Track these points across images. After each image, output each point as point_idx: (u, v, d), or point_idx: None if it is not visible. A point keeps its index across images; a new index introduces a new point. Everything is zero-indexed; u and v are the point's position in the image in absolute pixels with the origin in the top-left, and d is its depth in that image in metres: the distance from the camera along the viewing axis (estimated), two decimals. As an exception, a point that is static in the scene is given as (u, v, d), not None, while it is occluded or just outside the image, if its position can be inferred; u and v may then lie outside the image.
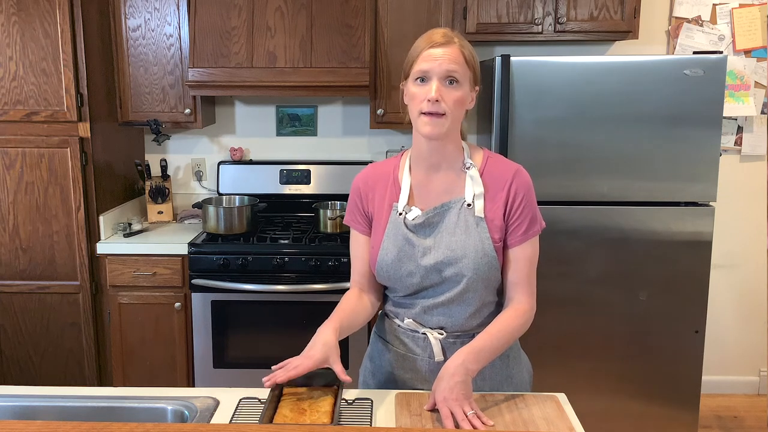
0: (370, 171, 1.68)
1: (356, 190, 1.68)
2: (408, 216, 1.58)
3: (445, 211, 1.57)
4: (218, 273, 2.92)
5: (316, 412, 1.40)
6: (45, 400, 1.55)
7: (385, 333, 1.70)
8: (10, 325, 3.01)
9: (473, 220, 1.54)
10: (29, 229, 2.95)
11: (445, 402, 1.41)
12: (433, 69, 1.48)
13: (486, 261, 1.53)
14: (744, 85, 3.37)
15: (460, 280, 1.53)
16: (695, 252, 2.86)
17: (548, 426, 1.42)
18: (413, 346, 1.63)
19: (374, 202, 1.64)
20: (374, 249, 1.62)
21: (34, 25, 2.82)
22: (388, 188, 1.63)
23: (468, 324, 1.58)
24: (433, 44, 1.50)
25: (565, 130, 2.79)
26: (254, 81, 2.98)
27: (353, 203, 1.69)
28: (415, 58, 1.52)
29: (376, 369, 1.72)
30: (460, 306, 1.57)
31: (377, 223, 1.63)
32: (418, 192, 1.60)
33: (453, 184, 1.58)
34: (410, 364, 1.64)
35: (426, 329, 1.60)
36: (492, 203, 1.56)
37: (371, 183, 1.66)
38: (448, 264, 1.53)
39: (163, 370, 3.03)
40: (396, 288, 1.61)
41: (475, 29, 3.02)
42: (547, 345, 2.90)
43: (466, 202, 1.56)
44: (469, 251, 1.52)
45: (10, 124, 2.90)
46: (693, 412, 2.96)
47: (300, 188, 3.43)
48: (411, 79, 1.53)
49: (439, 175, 1.59)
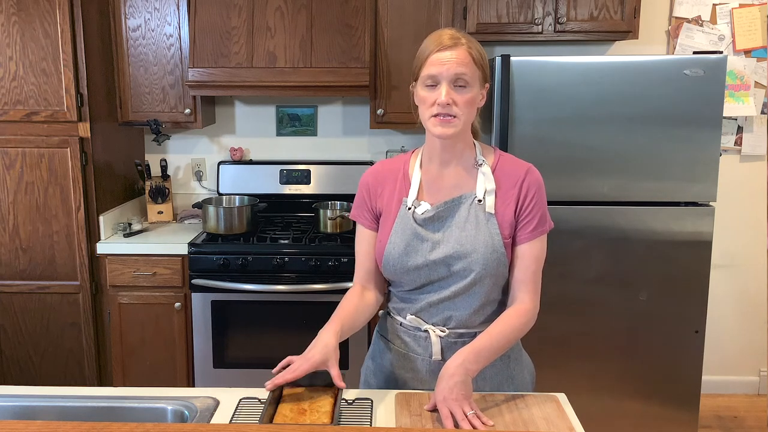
0: (379, 167, 1.69)
1: (365, 185, 1.68)
2: (417, 210, 1.58)
3: (455, 205, 1.57)
4: (218, 273, 2.92)
5: (316, 411, 1.40)
6: (45, 400, 1.55)
7: (387, 332, 1.71)
8: (10, 325, 3.01)
9: (484, 215, 1.55)
10: (29, 229, 2.95)
11: (444, 402, 1.42)
12: (442, 73, 1.49)
13: (495, 257, 1.53)
14: (744, 85, 3.37)
15: (468, 275, 1.54)
16: (695, 252, 2.85)
17: (548, 426, 1.42)
18: (414, 345, 1.63)
19: (383, 197, 1.65)
20: (381, 243, 1.62)
21: (34, 25, 2.82)
22: (397, 183, 1.64)
23: (471, 320, 1.59)
24: (440, 47, 1.50)
25: (565, 130, 2.79)
26: (254, 81, 2.98)
27: (361, 198, 1.69)
28: (423, 61, 1.52)
29: (377, 368, 1.72)
30: (466, 300, 1.57)
31: (385, 217, 1.63)
32: (428, 187, 1.61)
33: (463, 180, 1.59)
34: (410, 364, 1.64)
35: (428, 326, 1.60)
36: (503, 200, 1.57)
37: (380, 179, 1.66)
38: (458, 258, 1.54)
39: (163, 370, 3.03)
40: (402, 282, 1.61)
41: (475, 29, 3.02)
42: (548, 345, 2.90)
43: (477, 198, 1.56)
44: (479, 246, 1.53)
45: (10, 124, 2.90)
46: (693, 412, 2.96)
47: (300, 188, 3.43)
48: (420, 83, 1.54)
49: (449, 170, 1.60)
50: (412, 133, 3.48)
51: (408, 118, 3.39)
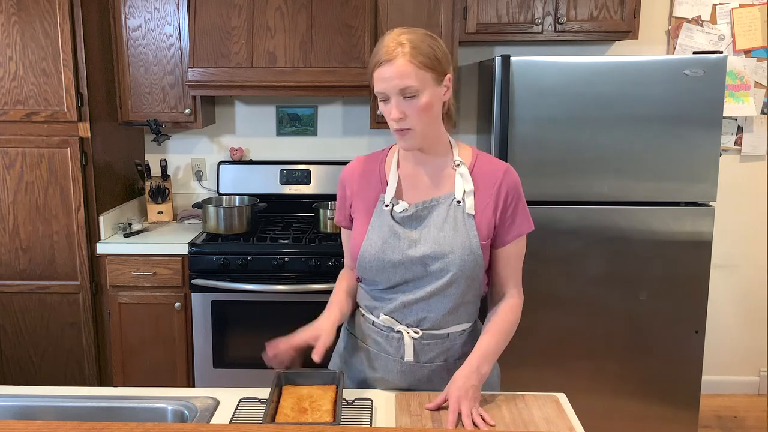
0: (355, 164, 1.69)
1: (342, 183, 1.69)
2: (396, 208, 1.58)
3: (434, 205, 1.57)
4: (218, 273, 2.92)
5: (317, 410, 1.41)
6: (45, 400, 1.55)
7: (356, 330, 1.70)
8: (10, 325, 3.01)
9: (462, 217, 1.55)
10: (29, 229, 2.95)
11: (457, 399, 1.45)
12: (388, 89, 1.46)
13: (472, 258, 1.53)
14: (744, 85, 3.37)
15: (445, 275, 1.54)
16: (695, 252, 2.86)
17: (548, 426, 1.42)
18: (386, 346, 1.62)
19: (360, 193, 1.65)
20: (356, 240, 1.61)
21: (34, 25, 2.82)
22: (374, 180, 1.64)
23: (444, 322, 1.59)
24: (382, 61, 1.45)
25: (565, 130, 2.79)
26: (254, 81, 2.98)
27: (341, 199, 1.70)
28: (371, 76, 1.50)
29: (346, 367, 1.72)
30: (440, 300, 1.57)
31: (362, 214, 1.63)
32: (406, 185, 1.61)
33: (441, 179, 1.59)
34: (381, 363, 1.64)
35: (402, 327, 1.60)
36: (481, 201, 1.57)
37: (356, 176, 1.67)
38: (435, 258, 1.54)
39: (163, 370, 3.03)
40: (377, 281, 1.60)
41: (475, 29, 3.03)
42: (547, 345, 2.90)
43: (456, 199, 1.56)
44: (456, 247, 1.53)
45: (10, 124, 2.90)
46: (693, 412, 2.96)
47: (300, 188, 3.43)
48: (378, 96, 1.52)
49: (426, 169, 1.60)
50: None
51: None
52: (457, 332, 1.61)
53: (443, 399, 1.49)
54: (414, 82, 1.44)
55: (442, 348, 1.60)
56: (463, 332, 1.62)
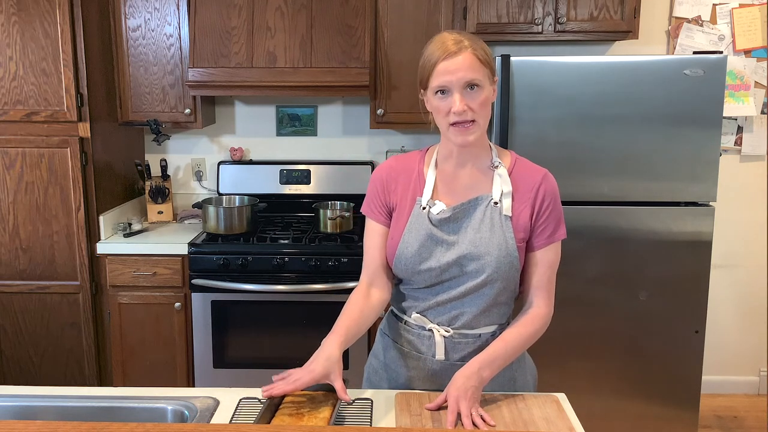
0: (393, 162, 1.68)
1: (378, 179, 1.66)
2: (432, 210, 1.57)
3: (472, 207, 1.57)
4: (218, 273, 2.92)
5: (314, 417, 1.40)
6: (45, 400, 1.55)
7: (390, 330, 1.71)
8: (10, 325, 3.01)
9: (499, 218, 1.55)
10: (29, 229, 2.95)
11: (456, 399, 1.45)
12: (452, 82, 1.47)
13: (508, 260, 1.54)
14: (744, 85, 3.37)
15: (480, 276, 1.54)
16: (695, 252, 2.85)
17: (548, 426, 1.42)
18: (418, 344, 1.63)
19: (397, 193, 1.63)
20: (393, 241, 1.60)
21: (34, 25, 2.82)
22: (411, 181, 1.63)
23: (477, 321, 1.59)
24: (446, 55, 1.47)
25: (565, 130, 2.79)
26: (254, 81, 2.98)
27: (373, 193, 1.67)
28: (430, 70, 1.50)
29: (381, 366, 1.72)
30: (474, 300, 1.57)
31: (398, 214, 1.62)
32: (443, 187, 1.60)
33: (479, 181, 1.59)
34: (414, 363, 1.64)
35: (433, 325, 1.60)
36: (519, 203, 1.57)
37: (394, 175, 1.65)
38: (471, 259, 1.54)
39: (163, 370, 3.03)
40: (412, 281, 1.61)
41: (475, 29, 3.02)
42: (547, 345, 2.87)
43: (494, 200, 1.56)
44: (493, 249, 1.53)
45: (10, 124, 2.90)
46: (693, 412, 2.96)
47: (300, 188, 3.43)
48: (431, 92, 1.52)
49: (465, 171, 1.59)
50: (412, 132, 3.48)
51: (408, 118, 3.40)
52: (489, 333, 1.60)
53: (443, 399, 1.49)
54: (478, 74, 1.48)
55: (474, 347, 1.59)
56: (494, 333, 1.61)
